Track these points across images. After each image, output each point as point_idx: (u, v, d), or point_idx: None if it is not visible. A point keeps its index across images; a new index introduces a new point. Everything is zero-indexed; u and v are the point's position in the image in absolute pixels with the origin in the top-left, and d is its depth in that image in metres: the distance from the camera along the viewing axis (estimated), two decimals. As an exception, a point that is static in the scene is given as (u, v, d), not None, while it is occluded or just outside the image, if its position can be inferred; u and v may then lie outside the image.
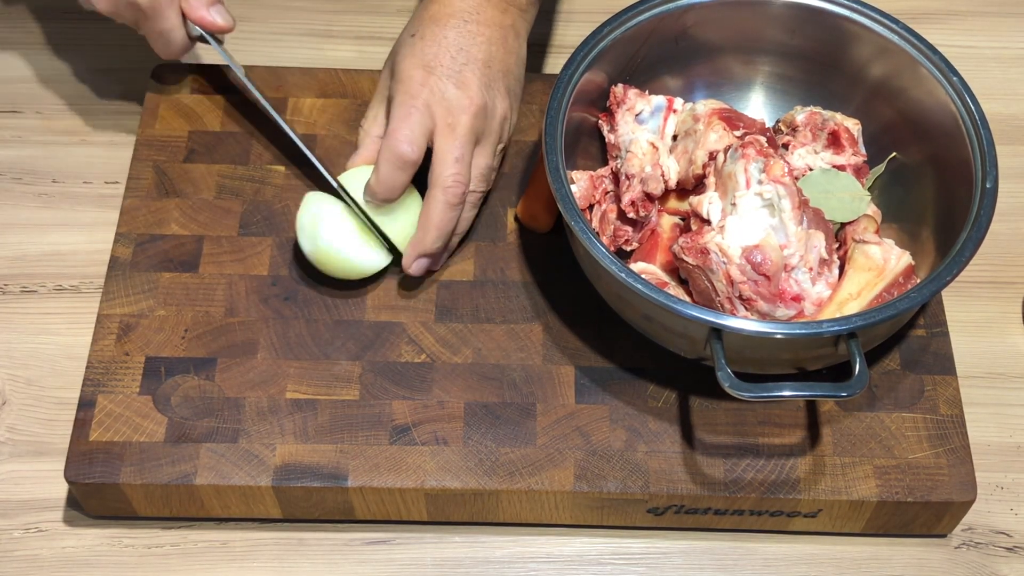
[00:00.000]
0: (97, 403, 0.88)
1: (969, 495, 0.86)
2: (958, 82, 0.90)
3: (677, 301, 0.81)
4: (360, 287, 0.94)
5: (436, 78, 0.90)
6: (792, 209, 0.85)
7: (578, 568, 0.89)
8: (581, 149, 0.97)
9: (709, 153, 0.91)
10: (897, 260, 0.87)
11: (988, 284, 1.01)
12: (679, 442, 0.88)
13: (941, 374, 0.91)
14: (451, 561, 0.89)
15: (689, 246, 0.85)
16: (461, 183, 0.90)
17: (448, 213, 0.90)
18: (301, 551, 0.89)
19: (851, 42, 0.96)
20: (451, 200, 0.90)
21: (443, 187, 0.90)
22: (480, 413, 0.89)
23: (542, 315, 0.93)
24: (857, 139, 0.96)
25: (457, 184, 0.90)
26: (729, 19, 0.96)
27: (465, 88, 0.90)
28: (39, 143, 1.07)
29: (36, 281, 1.00)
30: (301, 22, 1.16)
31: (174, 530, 0.90)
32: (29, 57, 1.12)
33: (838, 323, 0.80)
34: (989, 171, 0.87)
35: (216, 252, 0.96)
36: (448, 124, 0.90)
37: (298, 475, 0.86)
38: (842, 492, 0.86)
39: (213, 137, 1.02)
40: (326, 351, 0.91)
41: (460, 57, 0.91)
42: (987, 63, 1.15)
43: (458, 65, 0.91)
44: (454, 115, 0.90)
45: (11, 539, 0.89)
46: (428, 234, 0.91)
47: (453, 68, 0.91)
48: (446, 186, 0.90)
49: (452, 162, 0.90)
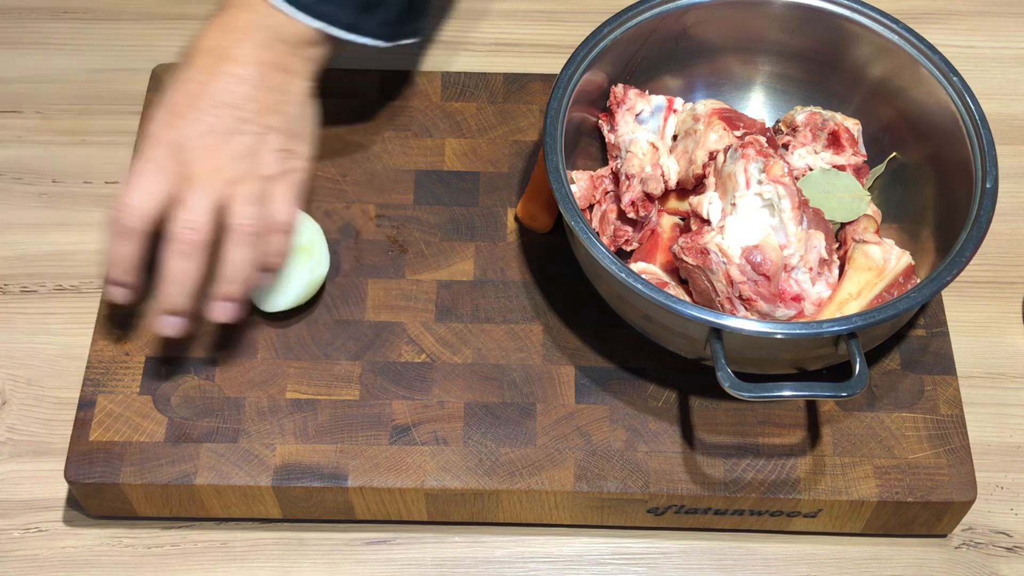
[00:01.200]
0: (97, 403, 0.88)
1: (969, 495, 0.86)
2: (958, 82, 0.90)
3: (677, 301, 0.81)
4: (351, 281, 0.94)
5: (180, 128, 0.84)
6: (792, 209, 0.85)
7: (578, 568, 0.89)
8: (581, 149, 0.97)
9: (709, 153, 0.91)
10: (897, 260, 0.87)
11: (988, 284, 1.01)
12: (679, 442, 0.88)
13: (941, 374, 0.91)
14: (451, 561, 0.89)
15: (689, 246, 0.85)
16: (195, 231, 0.83)
17: (181, 266, 0.84)
18: (301, 551, 0.89)
19: (851, 42, 0.96)
20: (184, 249, 0.83)
21: (174, 237, 0.83)
22: (480, 413, 0.89)
23: (542, 315, 0.93)
24: (857, 139, 0.96)
25: (188, 232, 0.83)
26: (729, 19, 0.96)
27: (206, 135, 0.84)
28: (39, 143, 1.07)
29: (36, 281, 1.00)
30: (301, 22, 1.16)
31: (174, 530, 0.90)
32: (29, 57, 1.12)
33: (838, 323, 0.80)
34: (989, 171, 0.87)
35: (216, 252, 0.96)
36: (185, 174, 0.84)
37: (298, 475, 0.86)
38: (842, 492, 0.86)
39: (213, 137, 1.02)
40: (326, 351, 0.91)
41: (206, 102, 0.85)
42: (987, 63, 1.15)
43: (202, 112, 0.85)
44: (190, 163, 0.84)
45: (11, 539, 0.89)
46: (165, 290, 0.84)
47: (197, 115, 0.85)
48: (177, 235, 0.83)
49: (181, 210, 0.83)
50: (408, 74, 1.06)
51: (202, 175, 0.84)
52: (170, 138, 0.85)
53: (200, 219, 0.83)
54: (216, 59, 0.86)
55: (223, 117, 0.85)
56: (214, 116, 0.85)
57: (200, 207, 0.84)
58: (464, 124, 1.03)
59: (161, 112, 0.86)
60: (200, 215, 0.84)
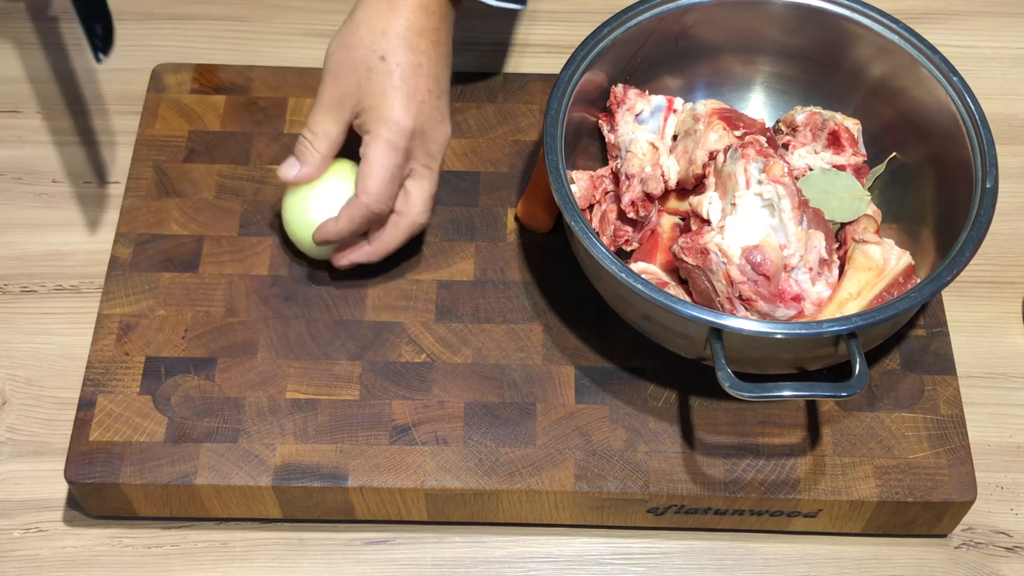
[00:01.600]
0: (97, 403, 0.88)
1: (969, 495, 0.86)
2: (958, 82, 0.90)
3: (677, 301, 0.81)
4: (351, 281, 0.94)
5: (418, 117, 0.88)
6: (792, 209, 0.85)
7: (578, 568, 0.89)
8: (581, 149, 0.97)
9: (709, 153, 0.91)
10: (897, 260, 0.87)
11: (988, 284, 1.01)
12: (679, 442, 0.88)
13: (941, 374, 0.91)
14: (451, 561, 0.89)
15: (689, 246, 0.85)
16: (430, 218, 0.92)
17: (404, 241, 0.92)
18: (301, 551, 0.89)
19: (851, 42, 0.96)
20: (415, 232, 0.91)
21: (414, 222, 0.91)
22: (480, 413, 0.89)
23: (542, 315, 0.93)
24: (857, 139, 0.96)
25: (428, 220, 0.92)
26: (729, 19, 0.96)
27: (443, 125, 0.91)
28: (39, 143, 1.07)
29: (36, 281, 1.00)
30: (301, 22, 1.16)
31: (174, 530, 0.90)
32: (29, 57, 1.12)
33: (838, 323, 0.80)
34: (989, 171, 0.87)
35: (216, 252, 0.96)
36: (426, 164, 0.90)
37: (298, 475, 0.86)
38: (842, 492, 0.86)
39: (213, 137, 1.02)
40: (326, 351, 0.91)
41: (436, 89, 0.90)
42: (987, 63, 1.15)
43: (434, 98, 0.90)
44: (432, 155, 0.90)
45: (11, 539, 0.89)
46: (378, 253, 0.92)
47: (431, 104, 0.89)
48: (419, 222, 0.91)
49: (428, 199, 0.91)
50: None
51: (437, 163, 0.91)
52: (415, 128, 0.88)
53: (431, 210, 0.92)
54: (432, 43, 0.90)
55: (447, 104, 0.91)
56: (444, 104, 0.91)
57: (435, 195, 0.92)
58: (464, 124, 1.03)
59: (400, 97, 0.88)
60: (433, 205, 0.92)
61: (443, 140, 0.91)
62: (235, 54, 1.13)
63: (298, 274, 0.95)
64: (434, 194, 0.91)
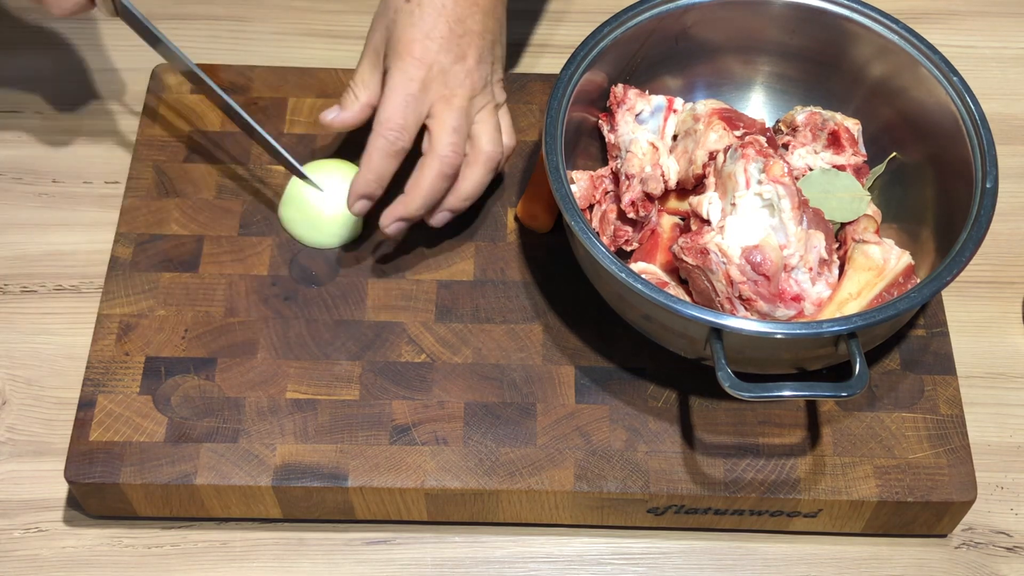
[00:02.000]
0: (97, 403, 0.88)
1: (969, 495, 0.86)
2: (958, 82, 0.90)
3: (677, 301, 0.81)
4: (351, 281, 0.94)
5: (435, 52, 0.90)
6: (792, 209, 0.85)
7: (578, 568, 0.89)
8: (581, 149, 0.97)
9: (709, 153, 0.91)
10: (897, 260, 0.87)
11: (988, 284, 1.01)
12: (679, 442, 0.88)
13: (941, 374, 0.91)
14: (451, 561, 0.89)
15: (689, 246, 0.85)
16: (457, 153, 0.90)
17: (439, 183, 0.90)
18: (301, 551, 0.89)
19: (851, 42, 0.96)
20: (445, 170, 0.90)
21: (439, 156, 0.90)
22: (480, 413, 0.89)
23: (542, 315, 0.93)
24: (857, 139, 0.96)
25: (455, 155, 0.90)
26: (729, 19, 0.96)
27: (463, 61, 0.90)
28: (39, 143, 1.07)
29: (36, 281, 1.00)
30: (301, 22, 1.16)
31: (174, 530, 0.90)
32: (29, 57, 1.12)
33: (838, 323, 0.80)
34: (989, 171, 0.87)
35: (216, 252, 0.96)
36: (445, 97, 0.90)
37: (298, 475, 0.86)
38: (842, 492, 0.86)
39: (213, 137, 1.02)
40: (326, 351, 0.91)
41: (458, 28, 0.90)
42: (987, 63, 1.15)
43: (456, 37, 0.90)
44: (451, 88, 0.90)
45: (11, 539, 0.89)
46: (415, 200, 0.90)
47: (451, 40, 0.90)
48: (442, 155, 0.90)
49: (450, 131, 0.90)
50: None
51: (463, 99, 0.90)
52: (432, 61, 0.89)
53: (462, 143, 0.90)
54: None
55: (474, 47, 0.91)
56: (467, 43, 0.91)
57: (462, 131, 0.90)
58: (464, 124, 1.03)
59: (415, 34, 0.90)
60: (462, 139, 0.90)
61: (461, 76, 0.90)
62: (235, 54, 1.13)
63: (298, 274, 0.95)
64: (457, 127, 0.90)
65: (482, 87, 0.92)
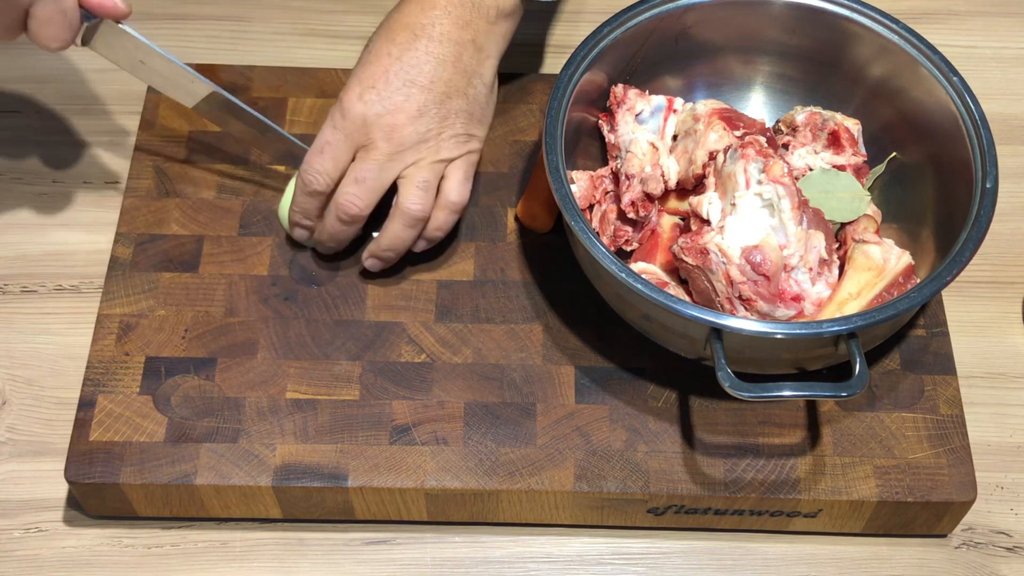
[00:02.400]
0: (97, 403, 0.88)
1: (969, 495, 0.86)
2: (958, 82, 0.90)
3: (678, 301, 0.81)
4: (351, 281, 0.94)
5: (367, 102, 0.89)
6: (792, 209, 0.85)
7: (578, 568, 0.89)
8: (581, 149, 0.97)
9: (709, 153, 0.91)
10: (897, 260, 0.87)
11: (988, 284, 1.01)
12: (679, 442, 0.88)
13: (941, 374, 0.91)
14: (451, 561, 0.89)
15: (689, 246, 0.85)
16: (355, 204, 0.90)
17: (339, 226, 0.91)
18: (301, 551, 0.89)
19: (851, 42, 0.96)
20: (341, 215, 0.90)
21: (336, 203, 0.90)
22: (480, 413, 0.89)
23: (542, 315, 0.93)
24: (857, 139, 0.96)
25: (349, 204, 0.90)
26: (729, 19, 0.96)
27: (393, 113, 0.89)
28: (39, 143, 1.07)
29: (36, 281, 1.00)
30: (301, 22, 1.16)
31: (174, 530, 0.90)
32: (29, 57, 1.12)
33: (838, 323, 0.80)
34: (989, 171, 0.87)
35: (216, 252, 0.96)
36: (364, 146, 0.90)
37: (298, 475, 0.86)
38: (842, 492, 0.86)
39: (213, 137, 1.02)
40: (326, 351, 0.91)
41: (397, 79, 0.89)
42: (987, 63, 1.15)
43: (392, 89, 0.89)
44: (372, 137, 0.89)
45: (11, 539, 0.89)
46: (380, 244, 0.92)
47: (387, 91, 0.89)
48: (338, 203, 0.90)
49: (351, 182, 0.90)
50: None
51: (382, 152, 0.89)
52: (359, 111, 0.89)
53: (367, 198, 0.90)
54: (413, 35, 0.90)
55: (412, 97, 0.89)
56: (403, 95, 0.89)
57: (370, 185, 0.90)
58: (464, 124, 1.03)
59: (354, 82, 0.90)
60: (367, 194, 0.90)
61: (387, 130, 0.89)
62: (235, 54, 1.13)
63: (298, 274, 0.95)
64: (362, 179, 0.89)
65: (417, 142, 0.90)
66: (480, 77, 0.92)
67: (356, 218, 0.91)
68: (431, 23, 0.90)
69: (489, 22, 0.92)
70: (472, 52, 0.91)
